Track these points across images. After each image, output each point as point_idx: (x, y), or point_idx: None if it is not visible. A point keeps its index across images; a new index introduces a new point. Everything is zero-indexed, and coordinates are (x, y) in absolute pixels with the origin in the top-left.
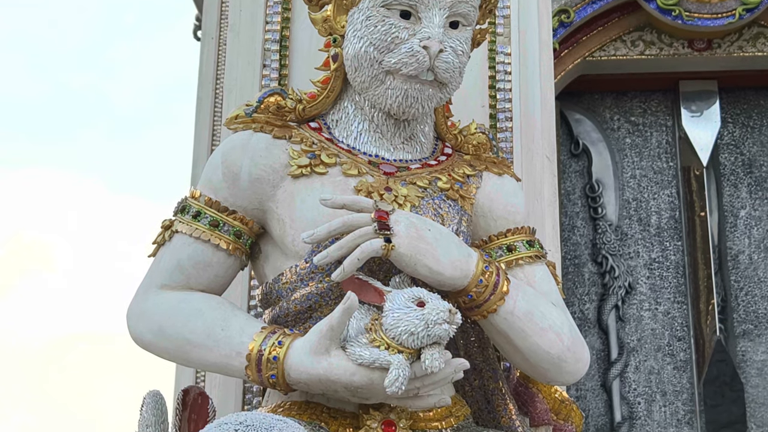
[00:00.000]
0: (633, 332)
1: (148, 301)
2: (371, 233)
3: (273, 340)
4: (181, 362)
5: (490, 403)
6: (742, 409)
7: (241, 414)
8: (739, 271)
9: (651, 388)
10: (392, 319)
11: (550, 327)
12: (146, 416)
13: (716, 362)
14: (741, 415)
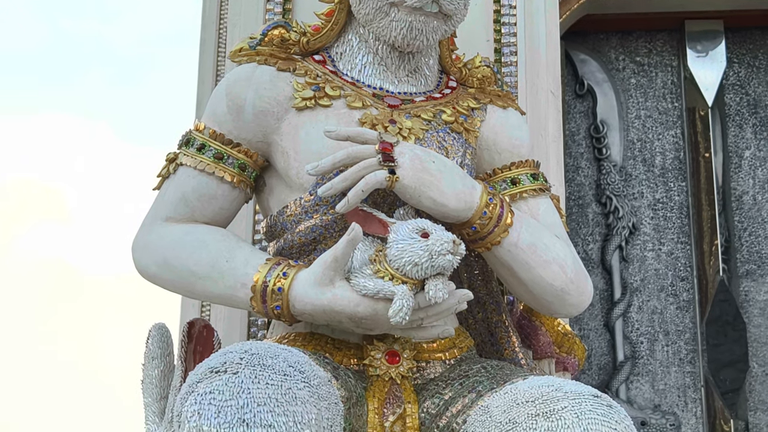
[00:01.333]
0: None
1: (153, 233)
2: (375, 165)
3: (278, 272)
4: (186, 294)
5: (494, 335)
6: (744, 348)
7: (246, 343)
8: (743, 211)
9: (654, 327)
10: (396, 250)
11: (554, 259)
12: (152, 349)
13: (719, 302)
14: (743, 354)
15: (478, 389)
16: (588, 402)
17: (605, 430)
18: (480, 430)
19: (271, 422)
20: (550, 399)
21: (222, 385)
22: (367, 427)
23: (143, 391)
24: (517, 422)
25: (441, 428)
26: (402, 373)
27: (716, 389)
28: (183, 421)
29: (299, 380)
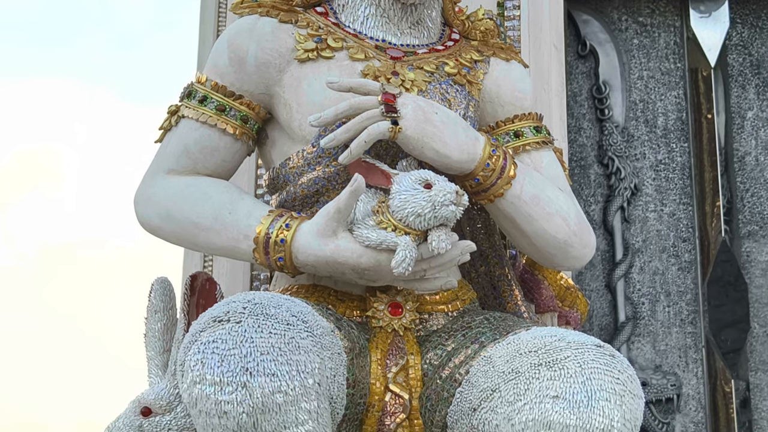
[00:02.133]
0: (638, 233)
1: (156, 185)
2: (378, 116)
3: (280, 223)
4: (189, 246)
5: (496, 289)
6: (746, 308)
7: (249, 293)
8: (745, 172)
9: (655, 288)
10: (399, 201)
11: (557, 211)
12: (154, 302)
13: (721, 263)
14: (744, 314)
15: (481, 340)
16: (591, 351)
17: (608, 379)
18: (483, 380)
19: (274, 371)
20: (553, 349)
21: (225, 334)
22: (370, 378)
23: (146, 344)
24: (519, 372)
25: (444, 379)
26: (405, 324)
27: (717, 350)
28: (186, 370)
29: (302, 329)
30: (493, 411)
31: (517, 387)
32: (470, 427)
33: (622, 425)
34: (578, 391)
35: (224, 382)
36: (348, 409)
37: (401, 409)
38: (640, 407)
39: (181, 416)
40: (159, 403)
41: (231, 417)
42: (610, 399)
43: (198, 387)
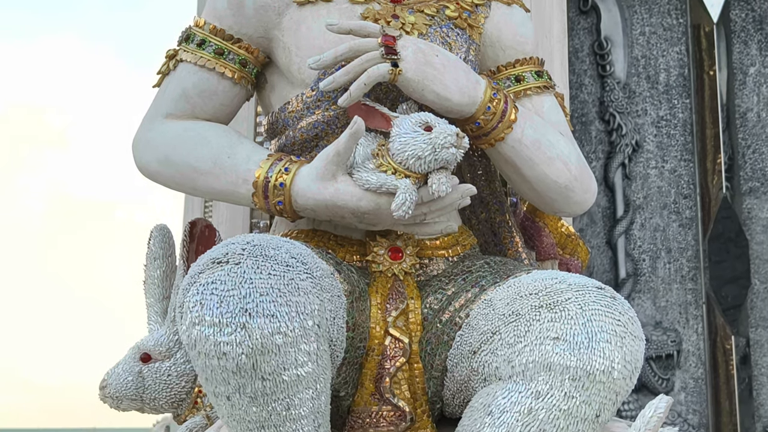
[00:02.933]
0: (639, 190)
1: (154, 130)
2: (378, 58)
3: (279, 167)
4: (188, 191)
5: (497, 235)
6: (746, 265)
7: (248, 235)
8: (747, 129)
9: (656, 245)
10: (399, 144)
11: (558, 156)
12: (154, 249)
13: (722, 219)
14: (745, 271)
15: (482, 284)
16: (592, 293)
17: (609, 321)
18: (483, 323)
19: (273, 312)
20: (554, 291)
21: (224, 276)
22: (369, 321)
23: (145, 291)
24: (520, 314)
25: (444, 323)
26: (405, 269)
27: (718, 306)
28: (185, 311)
29: (302, 271)
30: (493, 353)
31: (518, 329)
32: (470, 370)
33: (622, 367)
34: (579, 333)
35: (223, 323)
36: (348, 352)
37: (401, 353)
38: (641, 349)
39: (181, 362)
40: (158, 349)
41: (230, 358)
42: (610, 341)
43: (197, 328)
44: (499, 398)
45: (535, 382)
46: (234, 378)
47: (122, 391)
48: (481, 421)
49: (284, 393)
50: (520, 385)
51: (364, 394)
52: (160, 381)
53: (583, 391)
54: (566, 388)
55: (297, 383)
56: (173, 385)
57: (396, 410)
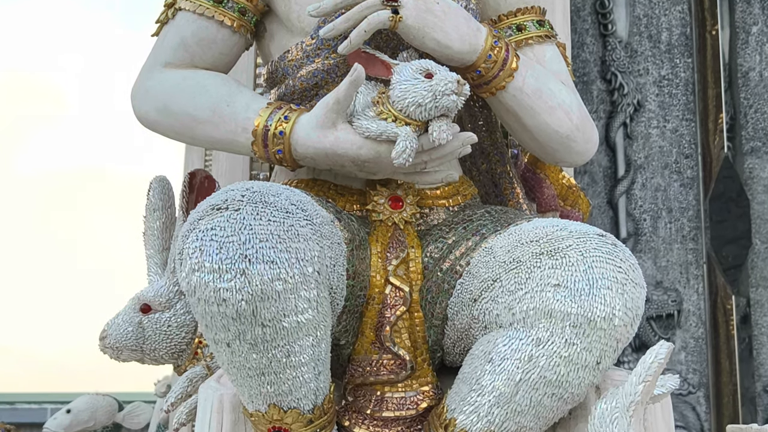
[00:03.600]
0: (640, 150)
1: (152, 79)
2: (378, 4)
3: (279, 116)
4: (187, 140)
5: (498, 186)
6: (748, 225)
7: (248, 182)
8: (749, 88)
9: (657, 205)
10: (399, 91)
11: (560, 105)
12: (153, 201)
13: (723, 179)
14: (746, 230)
15: (482, 232)
16: (593, 240)
17: (610, 267)
18: (484, 270)
19: (273, 258)
20: (555, 238)
21: (223, 222)
22: (370, 270)
23: (145, 243)
24: (521, 261)
25: (444, 271)
26: (405, 218)
27: (718, 266)
28: (184, 258)
29: (301, 218)
30: (494, 301)
31: (518, 276)
32: (471, 318)
33: (623, 314)
34: (580, 280)
35: (223, 269)
36: (348, 300)
37: (401, 302)
38: (642, 296)
39: (181, 313)
40: (158, 300)
41: (230, 304)
42: (611, 287)
43: (196, 275)
44: (500, 345)
45: (535, 329)
46: (234, 325)
47: (122, 342)
48: (482, 369)
49: (284, 340)
50: (521, 332)
51: (365, 342)
52: (160, 331)
53: (584, 338)
54: (567, 335)
55: (297, 330)
56: (173, 335)
57: (396, 359)
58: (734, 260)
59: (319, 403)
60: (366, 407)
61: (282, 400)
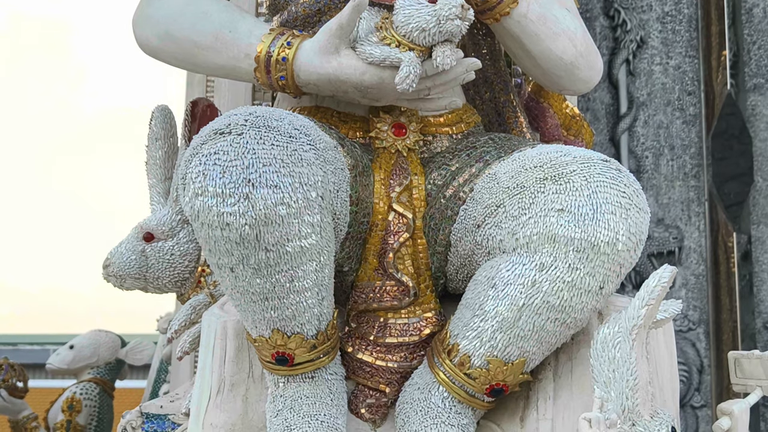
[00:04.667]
0: (643, 86)
1: (153, 5)
2: None
3: (282, 41)
4: (189, 67)
5: (501, 115)
6: (750, 162)
7: (251, 107)
8: (753, 24)
9: (659, 142)
10: (403, 16)
11: (564, 32)
12: (155, 130)
13: (725, 116)
14: (748, 168)
15: (486, 158)
16: (597, 165)
17: (614, 192)
18: (487, 196)
19: (276, 183)
20: (559, 163)
21: (227, 146)
22: (373, 197)
23: (147, 172)
24: (524, 186)
25: (448, 198)
26: (408, 145)
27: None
28: (188, 182)
29: (305, 143)
30: (498, 226)
31: (522, 201)
32: (474, 244)
33: (627, 239)
34: (583, 205)
35: (226, 193)
36: (351, 227)
37: (404, 229)
38: (646, 221)
39: (184, 242)
40: (161, 228)
41: (233, 229)
42: (615, 212)
43: (200, 199)
44: (503, 271)
45: (539, 254)
46: (237, 249)
47: (125, 270)
48: (485, 294)
49: (288, 264)
50: (524, 257)
51: (368, 269)
52: (163, 260)
53: (588, 262)
54: (570, 259)
55: (301, 255)
56: (176, 264)
57: (399, 285)
58: (736, 197)
59: (322, 328)
60: (369, 333)
61: (285, 326)
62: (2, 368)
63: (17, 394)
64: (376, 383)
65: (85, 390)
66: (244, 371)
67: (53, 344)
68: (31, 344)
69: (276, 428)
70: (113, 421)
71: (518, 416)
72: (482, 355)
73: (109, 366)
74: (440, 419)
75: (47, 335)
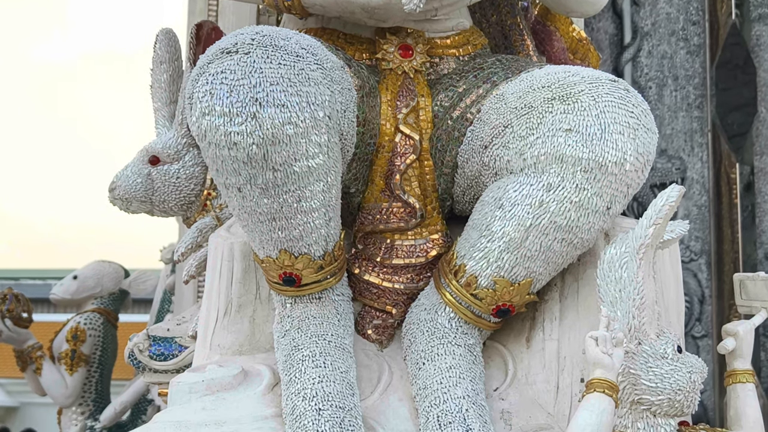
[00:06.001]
0: (647, 16)
1: None
2: None
3: None
4: None
5: (507, 38)
6: (754, 92)
7: (258, 26)
8: None
9: (663, 72)
10: None
11: None
12: (160, 53)
13: (730, 46)
14: (752, 98)
15: (493, 79)
16: (605, 86)
17: (622, 112)
18: (495, 117)
19: (283, 102)
20: (567, 83)
21: (234, 65)
22: (379, 118)
23: (152, 95)
24: (532, 106)
25: (455, 119)
26: (415, 67)
27: (723, 134)
28: (194, 102)
29: (312, 62)
30: (505, 147)
31: (530, 121)
32: (481, 165)
33: (634, 159)
34: (591, 124)
35: (233, 113)
36: (358, 148)
37: (411, 150)
38: (654, 142)
39: (189, 165)
40: (167, 152)
41: (241, 148)
42: (623, 132)
43: (207, 118)
44: (510, 191)
45: (546, 174)
46: (245, 168)
47: (131, 193)
48: (492, 215)
49: (295, 184)
50: (532, 177)
51: (375, 190)
52: (168, 183)
53: (595, 182)
54: (578, 180)
55: (308, 175)
56: (182, 187)
57: (406, 207)
58: (739, 128)
59: (329, 249)
60: (376, 255)
61: (293, 246)
62: (6, 298)
63: (22, 324)
64: (383, 304)
65: (89, 320)
66: (251, 293)
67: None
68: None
69: (283, 348)
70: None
71: (524, 337)
72: (489, 276)
73: (112, 297)
74: (447, 339)
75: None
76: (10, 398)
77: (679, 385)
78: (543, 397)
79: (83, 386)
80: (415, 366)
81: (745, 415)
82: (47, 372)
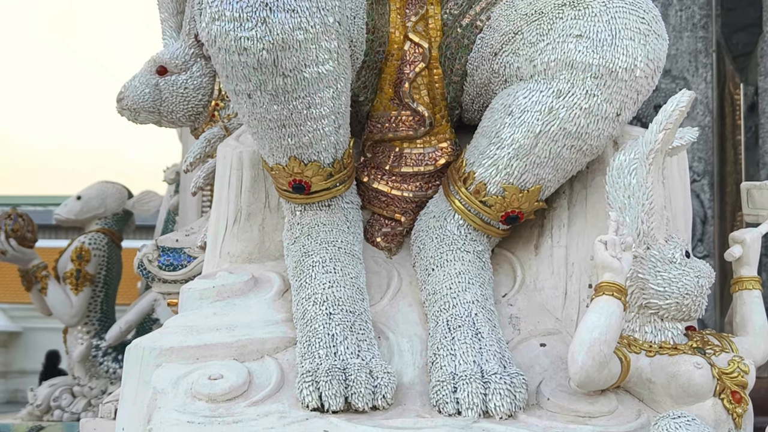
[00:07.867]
0: None
1: None
2: None
3: None
4: None
5: None
6: (759, 12)
7: None
8: None
9: None
10: None
11: None
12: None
13: None
14: (757, 17)
15: None
16: None
17: (633, 18)
18: (505, 23)
19: (294, 7)
20: None
21: None
22: (389, 26)
23: (159, 6)
24: (543, 13)
25: (464, 27)
26: None
27: (728, 54)
28: (204, 6)
29: None
30: (515, 53)
31: (540, 27)
32: (491, 72)
33: (645, 65)
34: (602, 30)
35: (243, 17)
36: (367, 55)
37: (420, 58)
38: (664, 48)
39: (197, 75)
40: (174, 62)
41: (251, 53)
42: (634, 38)
43: (217, 24)
44: (520, 98)
45: (556, 80)
46: (255, 74)
47: (139, 103)
48: (501, 122)
49: (305, 91)
50: (542, 84)
51: (384, 98)
52: (176, 93)
53: (605, 89)
54: (588, 86)
55: (318, 81)
56: (190, 97)
57: (415, 115)
58: (744, 48)
59: (339, 156)
60: (385, 163)
61: (302, 153)
62: (11, 218)
63: (27, 244)
64: (392, 212)
65: (94, 240)
66: (261, 201)
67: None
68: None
69: (293, 255)
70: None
71: (533, 244)
72: (498, 183)
73: (116, 217)
74: (456, 246)
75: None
76: (13, 323)
77: (686, 290)
78: (551, 302)
79: (88, 306)
80: (425, 272)
81: (751, 321)
82: (52, 291)
